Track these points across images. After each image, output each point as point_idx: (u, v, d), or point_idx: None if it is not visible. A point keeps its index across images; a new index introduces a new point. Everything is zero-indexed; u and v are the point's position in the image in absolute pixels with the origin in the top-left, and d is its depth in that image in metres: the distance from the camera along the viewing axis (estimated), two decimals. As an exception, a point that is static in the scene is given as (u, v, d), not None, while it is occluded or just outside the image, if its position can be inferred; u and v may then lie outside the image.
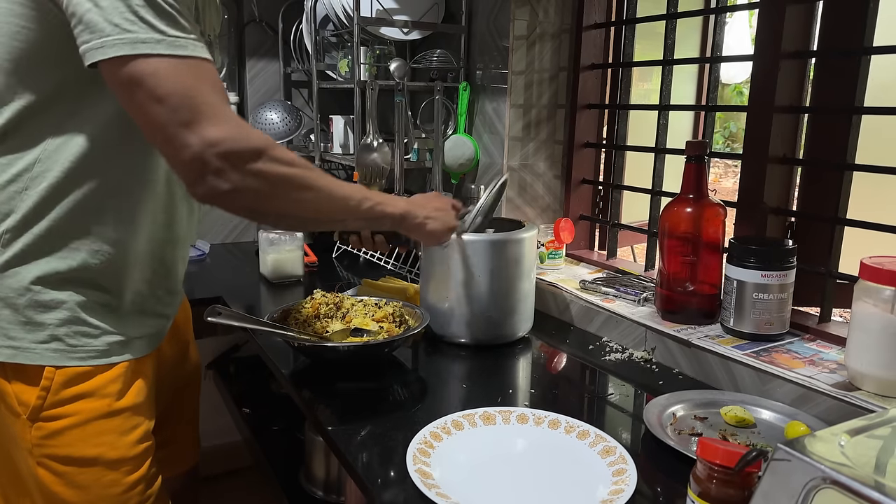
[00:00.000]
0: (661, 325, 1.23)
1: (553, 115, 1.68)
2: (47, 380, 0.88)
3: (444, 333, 1.29)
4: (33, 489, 0.92)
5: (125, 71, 0.76)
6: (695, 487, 0.69)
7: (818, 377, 0.99)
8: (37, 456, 0.89)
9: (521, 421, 0.95)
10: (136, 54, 0.75)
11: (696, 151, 1.21)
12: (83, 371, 0.90)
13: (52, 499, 0.91)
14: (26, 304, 0.87)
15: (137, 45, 0.75)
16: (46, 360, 0.88)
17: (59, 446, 0.89)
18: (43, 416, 0.88)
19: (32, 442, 0.89)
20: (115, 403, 0.92)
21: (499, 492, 0.80)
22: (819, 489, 0.56)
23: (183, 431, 1.24)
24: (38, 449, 0.89)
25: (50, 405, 0.88)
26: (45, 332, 0.88)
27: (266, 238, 1.69)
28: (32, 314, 0.87)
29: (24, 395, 0.88)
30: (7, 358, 0.87)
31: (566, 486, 0.81)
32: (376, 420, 0.98)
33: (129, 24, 0.75)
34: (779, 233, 1.27)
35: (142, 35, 0.75)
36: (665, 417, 0.97)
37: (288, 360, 1.20)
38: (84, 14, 0.75)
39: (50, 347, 0.88)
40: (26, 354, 0.87)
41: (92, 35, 0.76)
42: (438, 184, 1.69)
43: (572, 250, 1.70)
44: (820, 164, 1.20)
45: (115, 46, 0.75)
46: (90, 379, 0.90)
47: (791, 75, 1.21)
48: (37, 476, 0.90)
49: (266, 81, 2.13)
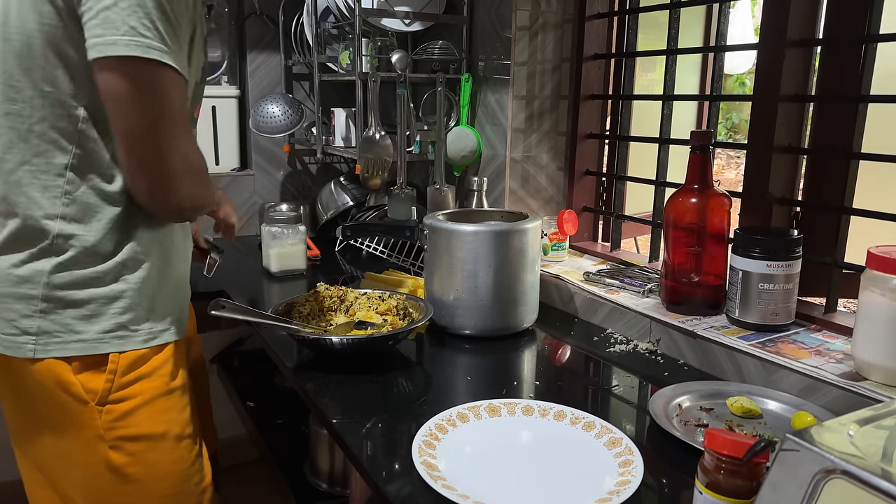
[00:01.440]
0: (665, 317, 1.22)
1: (556, 106, 1.68)
2: (113, 363, 0.94)
3: (448, 325, 1.28)
4: (100, 478, 0.96)
5: (132, 70, 0.82)
6: (702, 478, 0.68)
7: (825, 367, 0.99)
8: (109, 440, 0.95)
9: (527, 413, 0.95)
10: (149, 59, 0.82)
11: (700, 141, 1.20)
12: (142, 354, 0.97)
13: (125, 480, 0.96)
14: (87, 298, 0.93)
15: (150, 51, 0.82)
16: (113, 346, 0.94)
17: (129, 426, 0.96)
18: (111, 399, 0.94)
19: (104, 426, 0.94)
20: (170, 383, 1.00)
21: (504, 484, 0.80)
22: (828, 479, 0.56)
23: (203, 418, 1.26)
24: (109, 432, 0.95)
25: (117, 388, 0.95)
26: (110, 321, 0.94)
27: (269, 232, 1.68)
28: (96, 307, 0.93)
29: (92, 383, 0.93)
30: (79, 352, 0.93)
31: (572, 478, 0.81)
32: (381, 412, 0.98)
33: (144, 30, 0.81)
34: (784, 223, 1.26)
35: (155, 43, 0.82)
36: (671, 408, 0.97)
37: (292, 354, 1.20)
38: (101, 10, 0.80)
39: (116, 335, 0.94)
40: (95, 345, 0.93)
41: (105, 31, 0.80)
42: (441, 176, 1.69)
43: (576, 242, 1.70)
44: (825, 154, 1.19)
45: (130, 46, 0.80)
46: (147, 361, 0.98)
47: (796, 64, 1.20)
48: (109, 461, 0.95)
49: (267, 74, 2.12)
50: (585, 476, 0.81)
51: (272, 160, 2.17)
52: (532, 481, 0.81)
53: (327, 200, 2.08)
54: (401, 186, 1.69)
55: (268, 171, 2.17)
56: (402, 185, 1.69)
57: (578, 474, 0.82)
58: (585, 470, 0.82)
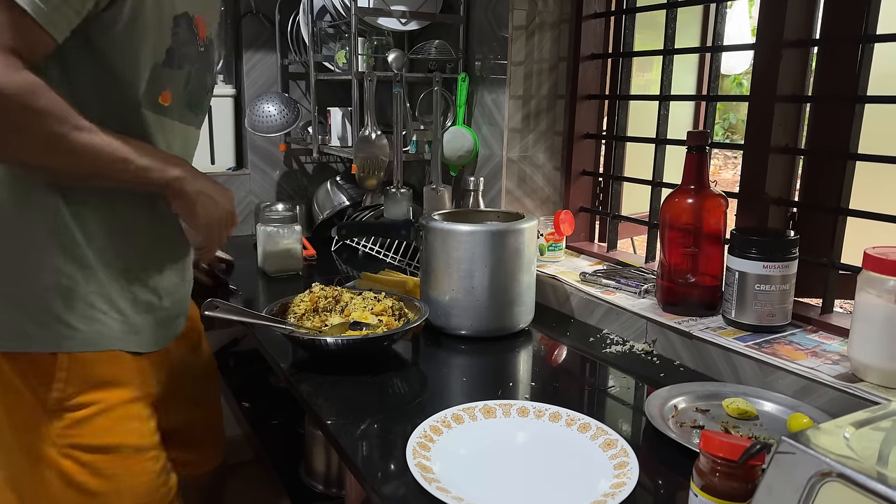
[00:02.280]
0: (661, 317, 1.22)
1: (553, 106, 1.67)
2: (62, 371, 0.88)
3: (444, 326, 1.28)
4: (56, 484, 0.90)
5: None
6: (697, 481, 0.68)
7: (821, 368, 0.99)
8: (60, 447, 0.89)
9: (522, 414, 0.94)
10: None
11: (697, 142, 1.20)
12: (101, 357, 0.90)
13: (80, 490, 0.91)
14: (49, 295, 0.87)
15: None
16: (65, 347, 0.88)
17: (83, 436, 0.90)
18: (66, 406, 0.89)
19: (56, 434, 0.89)
20: (134, 392, 0.94)
21: (499, 485, 0.79)
22: (824, 482, 0.55)
23: (209, 429, 1.27)
24: (60, 439, 0.89)
25: (71, 395, 0.89)
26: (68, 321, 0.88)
27: (264, 231, 1.68)
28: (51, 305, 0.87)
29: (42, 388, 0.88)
30: (22, 348, 0.87)
31: (567, 479, 0.81)
32: (376, 413, 0.98)
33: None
34: (780, 223, 1.26)
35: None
36: (666, 410, 0.97)
37: (287, 354, 1.19)
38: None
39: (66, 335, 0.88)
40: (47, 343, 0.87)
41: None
42: (438, 176, 1.68)
43: (572, 242, 1.69)
44: (822, 154, 1.19)
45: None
46: (109, 367, 0.92)
47: (793, 64, 1.19)
48: (61, 468, 0.90)
49: (263, 73, 2.11)
50: (580, 478, 0.81)
51: (268, 159, 2.16)
52: (527, 483, 0.80)
53: (323, 200, 2.07)
54: (397, 186, 1.68)
55: (264, 170, 2.16)
56: (399, 184, 1.68)
57: (573, 476, 0.81)
58: (580, 471, 0.82)
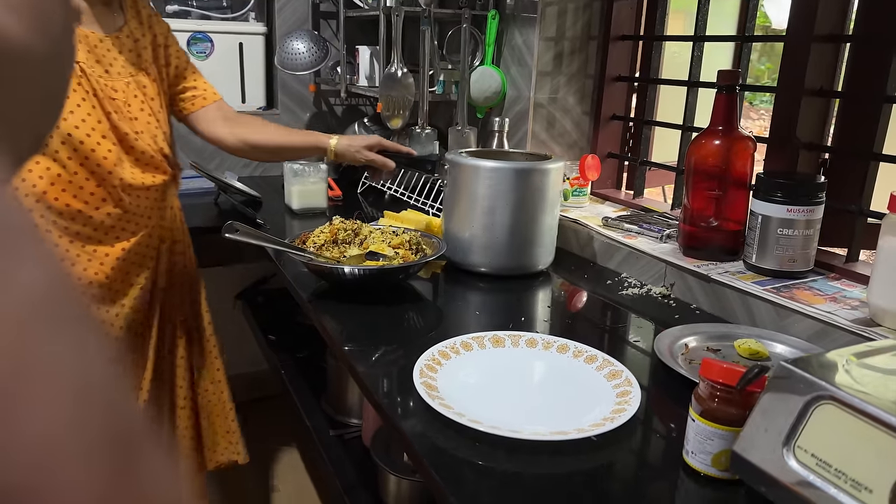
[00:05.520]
0: (681, 261, 1.21)
1: (585, 47, 1.63)
2: None
3: (462, 262, 1.29)
4: None
5: None
6: (696, 407, 0.68)
7: (838, 313, 0.97)
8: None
9: (531, 345, 0.95)
10: None
11: (727, 81, 1.16)
12: None
13: None
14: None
15: None
16: None
17: None
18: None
19: None
20: None
21: (501, 406, 0.81)
22: (818, 405, 0.55)
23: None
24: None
25: None
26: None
27: (291, 169, 1.70)
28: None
29: None
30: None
31: (568, 403, 0.82)
32: (391, 342, 1.00)
33: None
34: (811, 170, 1.22)
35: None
36: (677, 347, 0.97)
37: (310, 288, 1.21)
38: None
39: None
40: None
41: None
42: (463, 117, 1.67)
43: (598, 189, 1.67)
44: (859, 98, 1.14)
45: None
46: None
47: (833, 2, 1.14)
48: None
49: (295, 11, 2.10)
50: (581, 402, 0.82)
51: (298, 100, 2.17)
52: (529, 405, 0.82)
53: (351, 142, 2.07)
54: (422, 126, 1.67)
55: (293, 111, 2.17)
56: (423, 124, 1.67)
57: (574, 400, 0.82)
58: (582, 397, 0.83)
